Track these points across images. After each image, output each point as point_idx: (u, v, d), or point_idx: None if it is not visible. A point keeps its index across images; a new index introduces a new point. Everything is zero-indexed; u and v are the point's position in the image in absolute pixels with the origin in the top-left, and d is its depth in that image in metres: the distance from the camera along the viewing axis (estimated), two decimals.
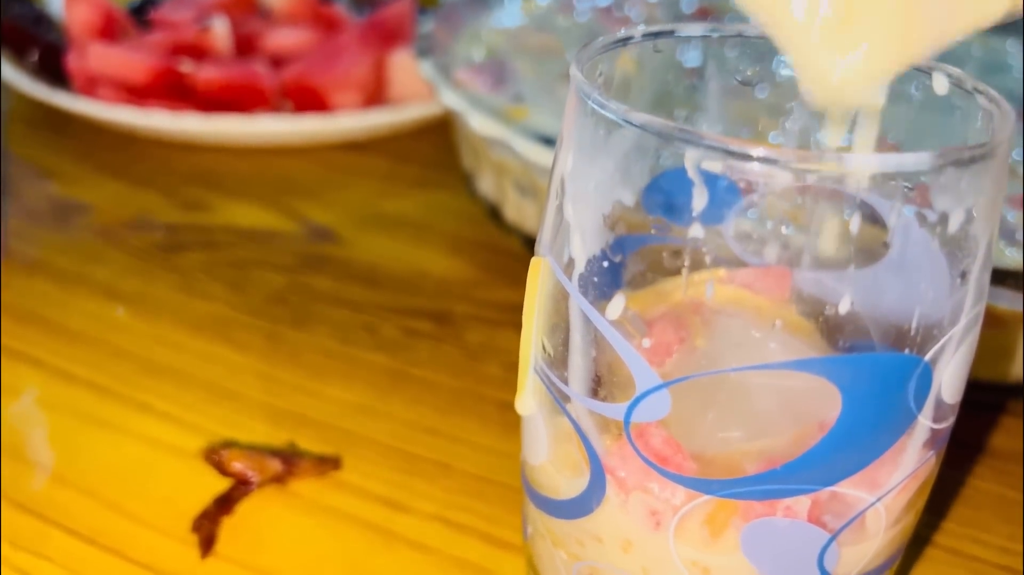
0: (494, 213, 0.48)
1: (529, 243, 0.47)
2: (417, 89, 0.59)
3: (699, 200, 0.20)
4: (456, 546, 0.33)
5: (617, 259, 0.22)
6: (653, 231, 0.21)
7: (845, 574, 0.24)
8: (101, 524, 0.33)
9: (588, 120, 0.21)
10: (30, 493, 0.34)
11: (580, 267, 0.22)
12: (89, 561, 0.31)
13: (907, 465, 0.22)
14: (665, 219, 0.21)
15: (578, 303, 0.22)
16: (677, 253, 0.21)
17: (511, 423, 0.38)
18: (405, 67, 0.59)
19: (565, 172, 0.22)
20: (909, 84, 0.24)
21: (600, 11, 0.55)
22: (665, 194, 0.20)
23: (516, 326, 0.44)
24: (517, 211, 0.46)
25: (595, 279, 0.22)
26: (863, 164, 0.19)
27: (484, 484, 0.35)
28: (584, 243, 0.22)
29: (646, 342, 0.22)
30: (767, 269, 0.22)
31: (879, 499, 0.23)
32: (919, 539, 0.33)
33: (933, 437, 0.23)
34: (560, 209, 0.23)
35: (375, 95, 0.60)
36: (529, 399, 0.26)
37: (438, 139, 0.58)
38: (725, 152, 0.19)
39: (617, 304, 0.21)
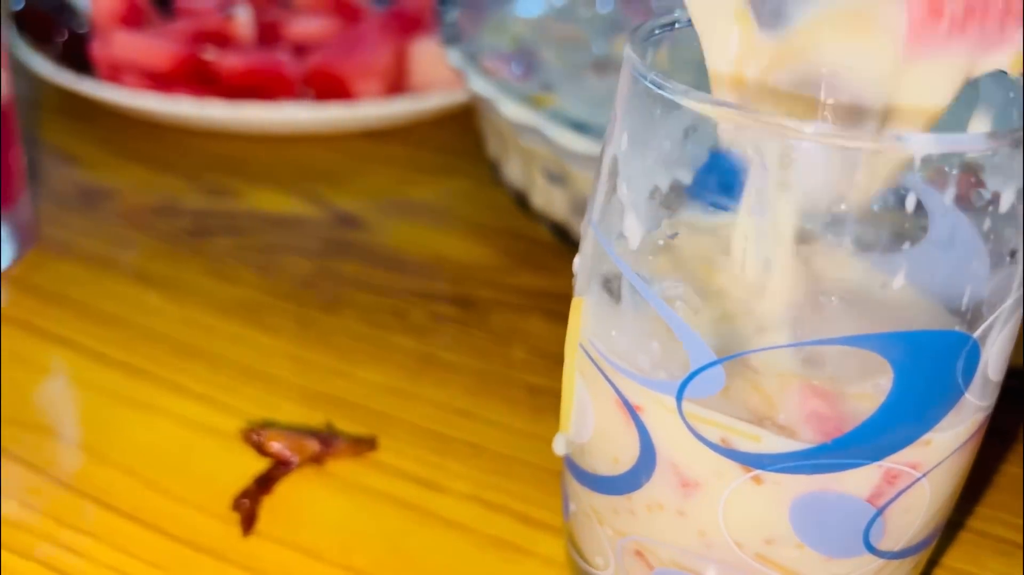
0: (520, 200, 0.48)
1: (557, 230, 0.47)
2: (438, 77, 0.59)
3: (755, 179, 0.20)
4: (491, 525, 0.33)
5: (672, 237, 0.22)
6: (709, 209, 0.21)
7: (888, 549, 0.24)
8: (142, 502, 0.33)
9: (644, 100, 0.22)
10: (71, 471, 0.34)
11: (634, 245, 0.23)
12: (132, 537, 0.32)
13: (953, 441, 0.23)
14: (721, 197, 0.21)
15: (631, 280, 0.23)
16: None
17: (540, 406, 0.39)
18: (427, 55, 0.60)
19: (619, 152, 0.23)
20: None
21: (623, 1, 0.56)
22: (721, 173, 0.21)
23: (542, 311, 0.45)
24: (545, 198, 0.46)
25: (649, 257, 0.23)
26: (920, 143, 0.19)
27: (516, 465, 0.36)
28: (639, 221, 0.22)
29: None
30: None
31: (924, 475, 0.23)
32: (951, 523, 0.33)
33: (978, 414, 0.23)
34: (613, 189, 0.23)
35: (397, 83, 0.60)
36: (561, 441, 0.27)
37: (459, 128, 0.59)
38: (782, 129, 0.19)
39: (671, 280, 0.22)
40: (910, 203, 0.20)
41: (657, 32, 0.24)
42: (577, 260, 0.26)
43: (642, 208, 0.22)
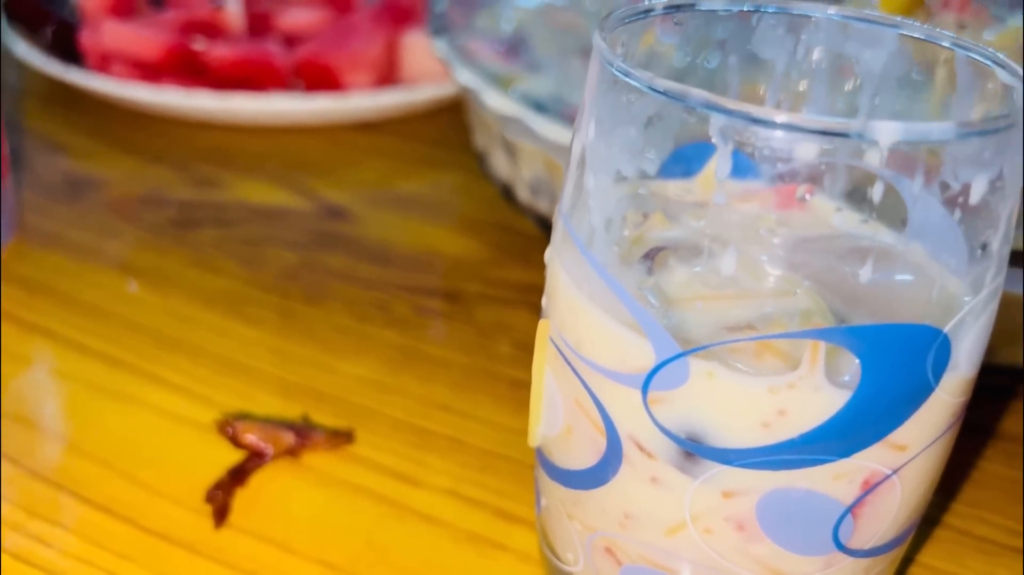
0: (507, 193, 0.48)
1: (543, 223, 0.47)
2: (429, 70, 0.58)
3: (722, 168, 0.20)
4: (469, 520, 0.33)
5: (638, 228, 0.22)
6: (674, 199, 0.21)
7: (859, 547, 0.24)
8: (115, 493, 0.33)
9: (611, 88, 0.21)
10: (45, 462, 0.34)
11: (600, 236, 0.22)
12: (104, 529, 0.32)
13: (924, 438, 0.22)
14: (687, 186, 0.21)
15: (596, 272, 0.22)
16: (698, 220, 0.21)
17: (523, 400, 0.38)
18: (418, 47, 0.59)
19: (586, 142, 0.22)
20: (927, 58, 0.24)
21: None
22: (687, 163, 0.20)
23: (527, 305, 0.44)
24: (529, 192, 0.46)
25: (615, 248, 0.22)
26: (887, 132, 0.19)
27: (497, 460, 0.36)
28: (604, 212, 0.22)
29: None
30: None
31: (895, 471, 0.23)
32: (928, 519, 0.33)
33: (950, 410, 0.23)
34: (581, 178, 0.23)
35: (387, 75, 0.60)
36: (536, 434, 0.27)
37: (449, 120, 0.58)
38: (749, 119, 0.19)
39: (636, 272, 0.21)
40: (876, 193, 0.19)
41: (629, 21, 0.24)
42: (548, 252, 0.26)
43: (609, 199, 0.22)
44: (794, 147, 0.19)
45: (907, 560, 0.31)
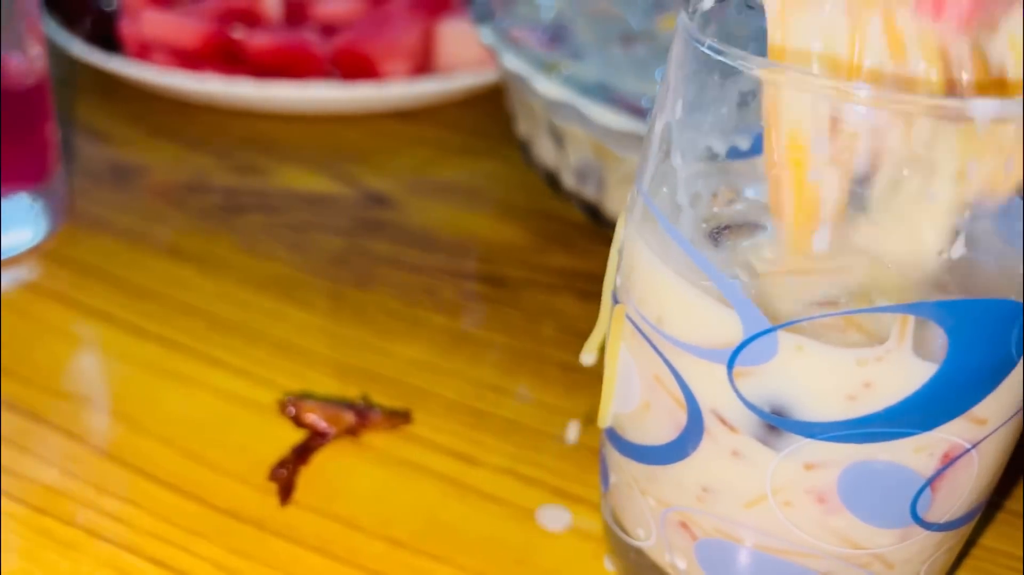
0: (551, 181, 0.48)
1: (588, 209, 0.47)
2: (466, 58, 0.59)
3: (817, 145, 0.20)
4: (528, 498, 0.33)
5: (728, 204, 0.22)
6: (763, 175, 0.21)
7: (935, 520, 0.24)
8: (182, 472, 0.33)
9: (700, 67, 0.22)
10: (110, 440, 0.35)
11: (687, 213, 0.23)
12: (173, 506, 0.32)
13: (1004, 412, 0.23)
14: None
15: (683, 248, 0.23)
16: None
17: (573, 383, 0.39)
18: (454, 36, 0.60)
19: (672, 120, 0.23)
20: None
21: None
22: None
23: (572, 291, 0.45)
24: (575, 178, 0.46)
25: (702, 225, 0.23)
26: (983, 108, 0.19)
27: (551, 440, 0.36)
28: (691, 189, 0.22)
29: None
30: None
31: (974, 446, 0.23)
32: (988, 503, 0.33)
33: None
34: (666, 157, 0.23)
35: (424, 64, 0.60)
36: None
37: (487, 108, 0.59)
38: (843, 93, 0.19)
39: (723, 248, 0.22)
40: (972, 170, 0.20)
41: (710, 5, 0.24)
42: (622, 232, 0.26)
43: (696, 176, 0.22)
44: (890, 122, 0.19)
45: (969, 542, 0.32)
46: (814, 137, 0.20)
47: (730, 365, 0.22)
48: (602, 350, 0.27)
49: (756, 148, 0.21)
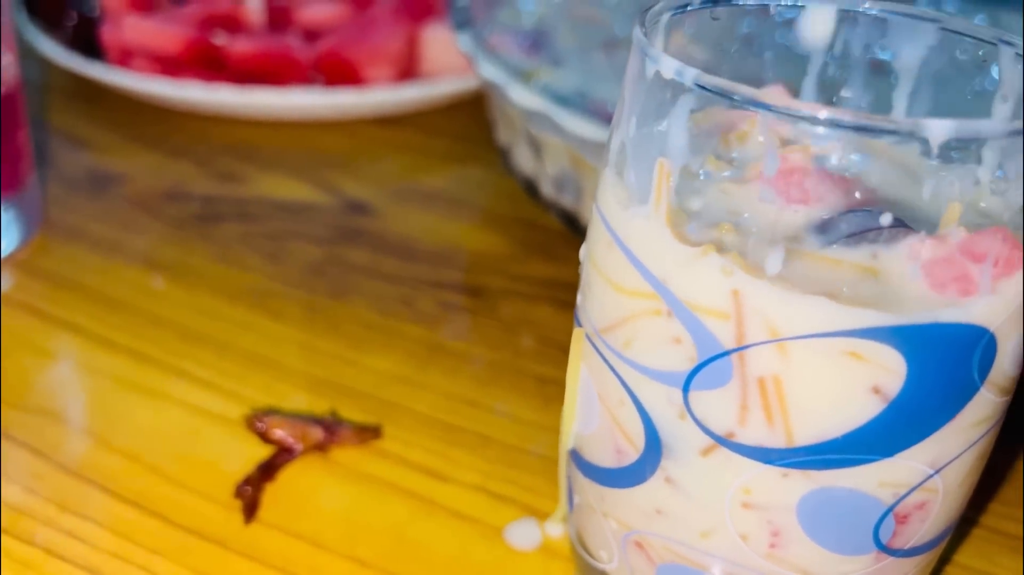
0: (530, 188, 0.48)
1: (567, 218, 0.47)
2: (450, 64, 0.58)
3: (770, 164, 0.19)
4: (498, 516, 0.33)
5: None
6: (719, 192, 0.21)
7: (899, 547, 0.24)
8: (145, 488, 0.33)
9: (653, 84, 0.21)
10: (75, 457, 0.34)
11: (641, 230, 0.22)
12: (134, 524, 0.32)
13: (967, 438, 0.22)
14: (733, 183, 0.21)
15: (639, 271, 0.22)
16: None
17: (549, 396, 0.38)
18: (438, 42, 0.59)
19: (626, 137, 0.22)
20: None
21: None
22: (731, 157, 0.20)
23: (551, 301, 0.44)
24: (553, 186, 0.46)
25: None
26: (938, 129, 0.18)
27: (524, 456, 0.35)
28: (645, 206, 0.22)
29: None
30: None
31: (937, 471, 0.22)
32: (963, 519, 0.33)
33: (993, 410, 0.23)
34: (620, 174, 0.23)
35: (408, 70, 0.59)
36: (570, 436, 0.27)
37: (470, 115, 0.58)
38: (795, 117, 0.19)
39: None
40: (926, 191, 0.19)
41: (668, 14, 0.24)
42: (583, 249, 0.26)
43: (650, 196, 0.22)
44: (842, 143, 0.19)
45: (942, 559, 0.31)
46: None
47: (685, 389, 0.22)
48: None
49: (708, 168, 0.21)
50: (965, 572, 0.32)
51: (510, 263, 0.47)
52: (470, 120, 0.58)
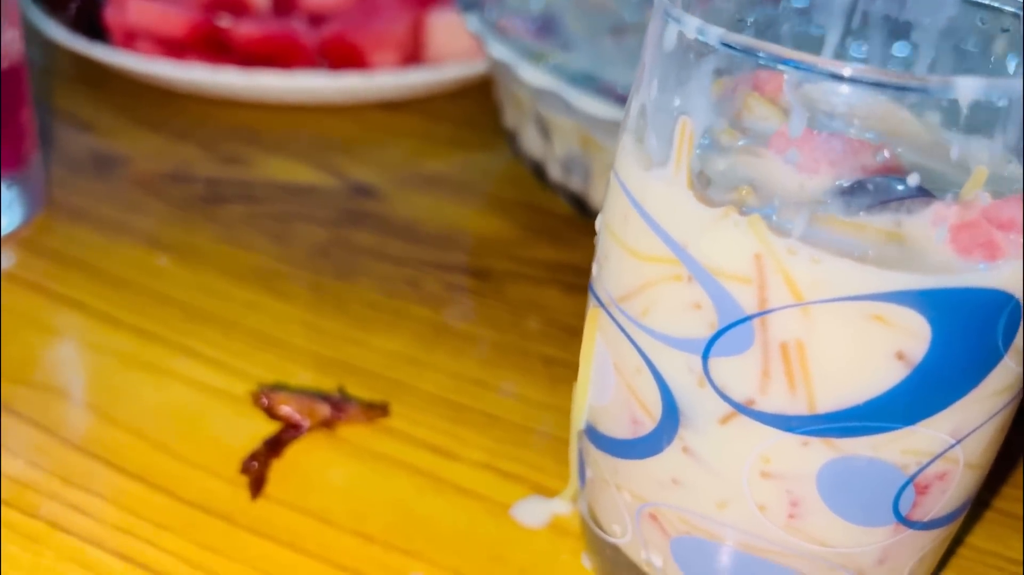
0: (538, 172, 0.48)
1: (574, 200, 0.46)
2: (455, 49, 0.58)
3: (796, 124, 0.19)
4: (505, 493, 0.33)
5: (704, 188, 0.21)
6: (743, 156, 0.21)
7: (918, 519, 0.23)
8: (151, 464, 0.33)
9: (676, 45, 0.21)
10: (80, 432, 0.34)
11: (661, 196, 0.22)
12: (140, 499, 0.31)
13: (989, 407, 0.22)
14: (757, 146, 0.20)
15: (657, 234, 0.22)
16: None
17: (556, 377, 0.38)
18: (444, 27, 0.59)
19: (647, 101, 0.22)
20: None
21: None
22: (755, 120, 0.20)
23: (557, 283, 0.44)
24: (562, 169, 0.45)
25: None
26: (966, 87, 0.18)
27: (531, 435, 0.35)
28: (666, 171, 0.21)
29: None
30: None
31: (959, 442, 0.22)
32: (976, 501, 0.33)
33: (1015, 380, 0.22)
34: (641, 139, 0.22)
35: (413, 54, 0.59)
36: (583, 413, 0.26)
37: (476, 99, 0.58)
38: (822, 73, 0.19)
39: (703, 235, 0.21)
40: (955, 151, 0.19)
41: None
42: (599, 219, 0.26)
43: (671, 158, 0.21)
44: (869, 100, 0.19)
45: (957, 541, 0.31)
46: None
47: (705, 356, 0.22)
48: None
49: (735, 128, 0.20)
50: (977, 554, 0.31)
51: (516, 246, 0.46)
52: (475, 106, 0.58)
